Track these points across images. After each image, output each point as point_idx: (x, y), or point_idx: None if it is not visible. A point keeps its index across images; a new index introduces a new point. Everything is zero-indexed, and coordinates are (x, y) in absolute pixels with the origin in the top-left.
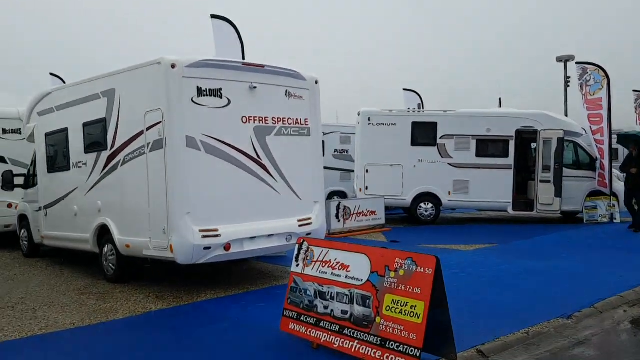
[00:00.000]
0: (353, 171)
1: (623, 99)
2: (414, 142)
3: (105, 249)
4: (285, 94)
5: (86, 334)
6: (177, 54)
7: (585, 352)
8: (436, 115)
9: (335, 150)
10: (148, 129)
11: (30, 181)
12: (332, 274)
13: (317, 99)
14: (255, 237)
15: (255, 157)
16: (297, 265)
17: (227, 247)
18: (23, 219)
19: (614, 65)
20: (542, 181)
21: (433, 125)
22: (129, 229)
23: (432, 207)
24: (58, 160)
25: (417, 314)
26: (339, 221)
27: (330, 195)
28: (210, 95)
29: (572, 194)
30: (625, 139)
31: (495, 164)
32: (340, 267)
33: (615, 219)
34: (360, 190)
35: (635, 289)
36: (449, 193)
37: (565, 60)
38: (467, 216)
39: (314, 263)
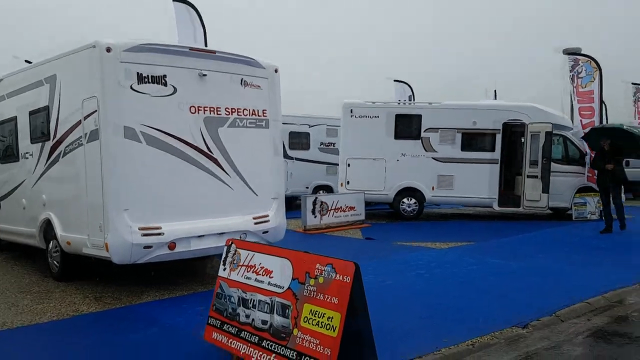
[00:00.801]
0: None
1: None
2: (397, 135)
3: (50, 245)
4: (241, 83)
5: None
6: (117, 37)
7: None
8: (420, 108)
9: (322, 143)
10: (85, 117)
11: None
12: (255, 279)
13: (277, 88)
14: (204, 236)
15: (206, 150)
16: (224, 269)
17: (171, 245)
18: None
19: (613, 58)
20: (529, 176)
21: (417, 118)
22: (70, 225)
23: (415, 203)
24: (9, 150)
25: (333, 326)
26: (315, 217)
27: (316, 190)
28: (153, 82)
29: (561, 189)
30: (599, 132)
31: (481, 158)
32: (264, 273)
33: None
34: (342, 184)
35: (605, 295)
36: (433, 188)
37: (572, 53)
38: (454, 212)
39: (239, 267)
